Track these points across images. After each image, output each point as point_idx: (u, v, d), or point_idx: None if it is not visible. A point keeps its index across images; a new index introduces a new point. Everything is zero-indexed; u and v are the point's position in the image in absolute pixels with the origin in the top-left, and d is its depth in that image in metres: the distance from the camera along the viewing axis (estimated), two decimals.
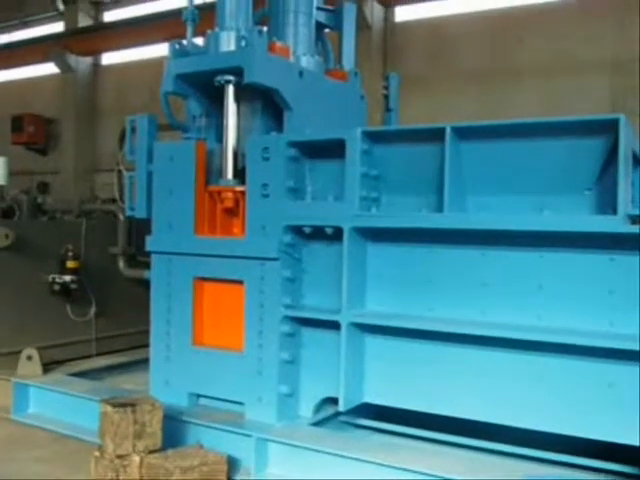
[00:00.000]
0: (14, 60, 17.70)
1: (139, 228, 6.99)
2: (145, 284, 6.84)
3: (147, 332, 6.92)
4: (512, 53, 11.90)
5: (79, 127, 16.93)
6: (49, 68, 17.24)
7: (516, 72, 11.83)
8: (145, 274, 6.64)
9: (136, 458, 4.21)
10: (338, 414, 4.97)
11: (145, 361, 6.64)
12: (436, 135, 4.21)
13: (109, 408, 4.24)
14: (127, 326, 7.31)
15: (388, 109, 6.53)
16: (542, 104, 11.19)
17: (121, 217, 7.06)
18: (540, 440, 4.36)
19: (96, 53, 16.92)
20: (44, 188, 13.37)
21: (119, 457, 4.20)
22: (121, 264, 7.05)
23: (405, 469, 4.04)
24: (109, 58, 17.08)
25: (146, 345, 7.01)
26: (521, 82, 11.75)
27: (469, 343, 4.27)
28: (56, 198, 9.48)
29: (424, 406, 4.48)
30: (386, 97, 6.52)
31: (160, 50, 14.84)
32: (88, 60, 17.02)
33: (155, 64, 15.54)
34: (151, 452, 4.25)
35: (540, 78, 11.58)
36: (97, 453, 4.28)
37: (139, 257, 7.04)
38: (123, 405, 4.28)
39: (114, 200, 8.59)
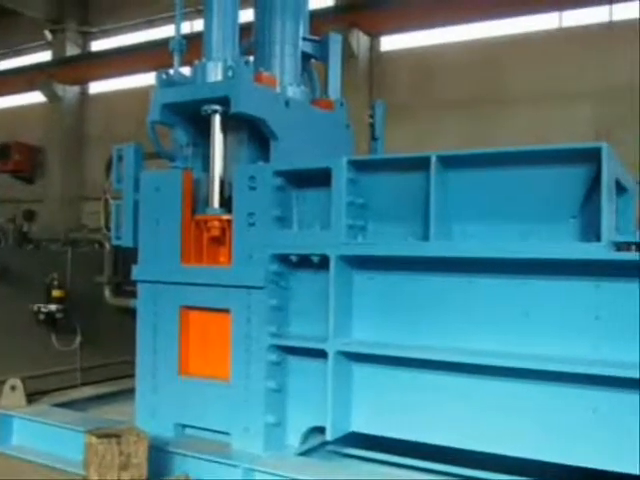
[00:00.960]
0: (1, 88, 17.73)
1: (125, 257, 6.96)
2: (131, 313, 6.80)
3: (133, 362, 6.88)
4: (496, 82, 12.08)
5: (66, 155, 16.96)
6: (36, 97, 17.29)
7: (500, 101, 12.00)
8: (131, 303, 6.61)
9: None
10: (326, 443, 4.94)
11: (130, 391, 6.57)
12: (422, 164, 4.25)
13: (94, 439, 4.20)
14: (112, 356, 7.24)
15: (374, 137, 6.57)
16: (526, 133, 11.32)
17: (107, 246, 7.04)
18: (534, 469, 4.35)
19: (83, 82, 17.01)
20: (30, 216, 13.31)
21: None
22: (107, 293, 7.01)
23: None
24: (96, 87, 17.18)
25: (131, 375, 6.96)
26: (505, 111, 11.91)
27: (455, 371, 4.26)
28: (42, 226, 9.45)
29: (412, 435, 4.45)
30: (372, 125, 6.56)
31: (147, 79, 14.92)
32: (75, 89, 17.11)
33: (142, 93, 15.55)
34: None
35: (524, 107, 11.76)
36: None
37: (125, 286, 7.00)
38: (108, 436, 4.23)
39: (101, 229, 8.61)
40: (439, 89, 12.59)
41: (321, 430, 4.73)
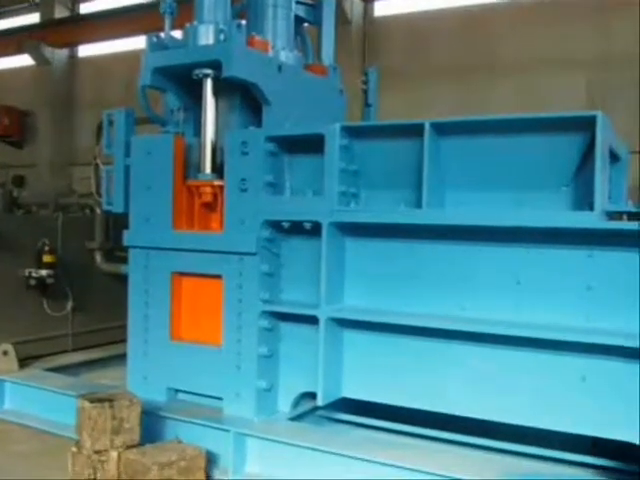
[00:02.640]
0: None
1: (117, 222, 6.92)
2: (122, 279, 6.80)
3: (124, 327, 6.89)
4: (489, 49, 11.98)
5: (55, 120, 16.77)
6: (24, 60, 17.03)
7: (493, 68, 11.92)
8: (122, 269, 6.60)
9: (114, 454, 4.19)
10: (317, 409, 4.99)
11: (122, 356, 6.59)
12: (415, 131, 4.22)
13: (87, 403, 4.21)
14: (104, 321, 7.24)
15: (367, 104, 6.52)
16: (519, 100, 11.28)
17: (98, 211, 6.99)
18: (531, 436, 4.41)
19: (72, 45, 16.76)
20: (20, 182, 13.22)
21: (97, 452, 4.18)
22: (98, 259, 6.98)
23: (385, 464, 4.06)
24: (86, 50, 16.91)
25: (123, 340, 6.98)
26: (498, 78, 11.83)
27: (447, 338, 4.29)
28: (32, 192, 9.36)
29: (403, 401, 4.49)
30: (365, 92, 6.51)
31: (138, 43, 14.71)
32: (64, 52, 16.87)
33: (133, 57, 15.37)
34: (129, 447, 4.23)
35: (517, 74, 11.68)
36: (74, 449, 4.25)
37: (117, 252, 6.97)
38: (101, 400, 4.25)
39: (92, 194, 8.55)
40: (432, 55, 12.50)
41: (312, 396, 4.77)
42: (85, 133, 15.54)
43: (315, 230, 4.50)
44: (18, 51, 16.69)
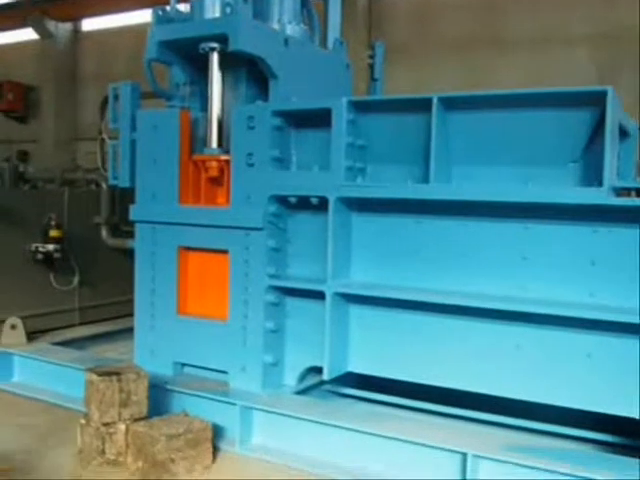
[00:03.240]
0: None
1: (122, 197, 6.95)
2: (128, 253, 6.83)
3: (130, 301, 6.93)
4: (497, 24, 11.87)
5: (59, 95, 16.69)
6: (28, 34, 16.93)
7: (500, 43, 11.82)
8: (128, 243, 6.63)
9: (122, 426, 4.23)
10: (322, 383, 5.02)
11: (128, 330, 6.66)
12: (423, 105, 4.20)
13: (94, 377, 4.25)
14: (110, 295, 7.29)
15: (373, 78, 6.48)
16: (526, 75, 11.19)
17: (104, 186, 7.00)
18: (528, 410, 4.44)
19: (76, 19, 16.64)
20: (24, 157, 13.21)
21: (105, 425, 4.22)
22: (104, 233, 7.00)
23: (390, 437, 4.09)
24: (90, 24, 16.79)
25: (129, 314, 7.03)
26: (505, 53, 11.74)
27: (453, 313, 4.31)
28: (37, 167, 9.36)
29: (408, 375, 4.52)
30: (371, 66, 6.47)
31: (142, 16, 14.64)
32: (68, 26, 16.74)
33: (137, 31, 15.33)
34: (136, 420, 4.27)
35: (525, 50, 11.58)
36: (83, 421, 4.29)
37: (122, 226, 7.00)
38: (108, 374, 4.29)
39: (97, 169, 8.54)
40: (438, 30, 12.38)
41: (318, 370, 4.80)
42: (89, 108, 15.49)
43: (321, 205, 4.50)
44: (22, 25, 16.58)
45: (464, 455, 3.86)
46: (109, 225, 7.02)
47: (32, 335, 6.13)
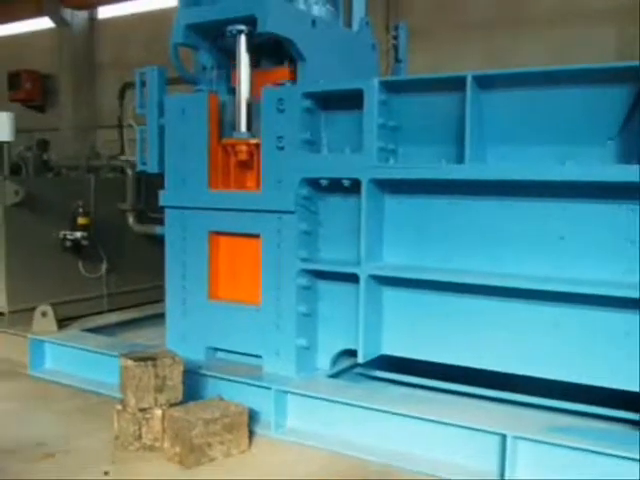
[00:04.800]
0: (8, 15, 17.35)
1: (148, 184, 6.93)
2: (155, 240, 6.84)
3: (157, 288, 6.95)
4: (517, 2, 11.70)
5: (77, 83, 16.68)
6: (44, 23, 16.92)
7: (522, 22, 11.64)
8: (155, 230, 6.63)
9: (158, 411, 4.24)
10: (354, 366, 5.01)
11: (156, 317, 6.71)
12: (457, 84, 4.14)
13: (130, 362, 4.25)
14: (137, 282, 7.30)
15: (397, 60, 6.41)
16: (548, 54, 11.03)
17: (129, 173, 6.99)
18: (561, 391, 4.40)
19: (92, 6, 16.59)
20: (44, 145, 13.22)
21: (141, 410, 4.24)
22: (131, 220, 7.00)
23: (427, 419, 4.08)
24: (106, 12, 16.75)
25: (156, 301, 7.08)
26: (527, 32, 11.56)
27: (489, 294, 4.27)
28: (59, 155, 9.36)
29: (443, 357, 4.50)
30: (395, 47, 6.39)
31: (158, 2, 14.59)
32: (84, 14, 16.69)
33: (153, 17, 15.31)
34: (172, 405, 4.28)
35: (546, 28, 11.40)
36: (119, 407, 4.30)
37: (148, 213, 6.99)
38: (143, 359, 4.29)
39: (119, 156, 8.55)
40: (459, 10, 12.23)
41: (350, 353, 4.79)
42: (107, 95, 15.48)
43: (354, 187, 4.47)
44: (38, 14, 16.57)
45: (503, 437, 3.83)
46: (135, 212, 7.01)
47: (62, 322, 6.15)
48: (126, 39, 16.04)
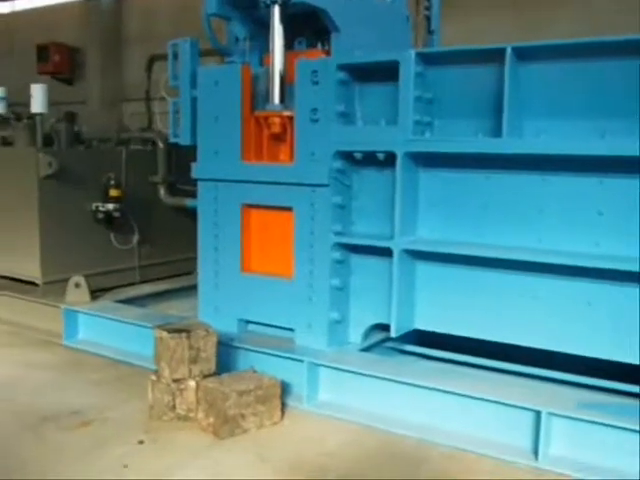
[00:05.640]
0: None
1: (178, 156, 6.94)
2: (185, 212, 6.86)
3: (188, 260, 6.99)
4: None
5: (105, 56, 16.68)
6: None
7: None
8: (186, 202, 6.65)
9: (192, 382, 4.27)
10: (385, 340, 5.01)
11: (187, 288, 6.76)
12: (495, 56, 4.07)
13: (164, 334, 4.29)
14: (168, 254, 7.34)
15: (429, 31, 6.32)
16: (581, 27, 10.79)
17: (161, 145, 6.99)
18: (593, 368, 4.37)
19: None
20: (72, 118, 13.25)
21: (175, 381, 4.27)
22: (162, 192, 7.01)
23: (460, 394, 4.07)
24: None
25: (188, 273, 7.13)
26: (559, 4, 11.33)
27: (523, 270, 4.23)
28: (86, 128, 9.39)
29: (476, 333, 4.48)
30: (428, 18, 6.30)
31: None
32: None
33: None
34: (206, 377, 4.31)
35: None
36: (153, 377, 4.35)
37: (179, 185, 7.00)
38: (178, 331, 4.32)
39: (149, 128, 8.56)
40: None
41: (382, 327, 4.79)
42: (134, 68, 15.47)
43: (388, 161, 4.43)
44: None
45: (537, 413, 3.81)
46: (166, 184, 7.02)
47: (95, 293, 6.21)
48: (154, 12, 15.98)
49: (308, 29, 5.13)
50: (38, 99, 6.46)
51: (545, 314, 4.22)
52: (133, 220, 6.88)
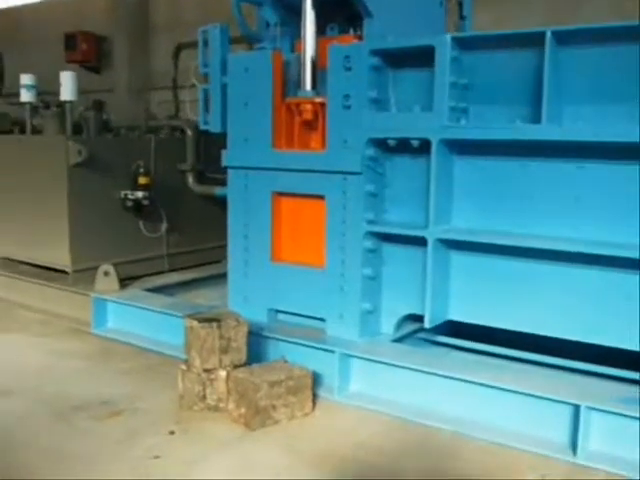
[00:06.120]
0: None
1: (207, 144, 6.89)
2: (214, 200, 6.82)
3: (216, 248, 6.95)
4: None
5: (132, 44, 16.65)
6: None
7: None
8: (214, 190, 6.61)
9: (223, 372, 4.23)
10: (416, 331, 4.93)
11: (215, 277, 6.73)
12: (535, 40, 3.95)
13: (195, 323, 4.24)
14: (196, 242, 7.30)
15: (461, 16, 6.19)
16: (613, 12, 10.55)
17: (189, 133, 6.95)
18: (623, 360, 4.26)
19: None
20: (99, 106, 13.26)
21: (206, 371, 4.24)
22: (190, 180, 6.97)
23: (495, 387, 3.99)
24: None
25: (216, 261, 7.10)
26: None
27: (561, 260, 4.12)
28: (117, 116, 9.38)
29: (512, 324, 4.38)
30: (459, 3, 6.17)
31: None
32: None
33: None
34: (236, 367, 4.27)
35: None
36: (184, 367, 4.31)
37: (207, 173, 6.96)
38: (208, 320, 4.28)
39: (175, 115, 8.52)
40: None
41: (414, 318, 4.71)
42: (161, 57, 15.45)
43: (422, 148, 4.33)
44: None
45: (576, 407, 3.72)
46: (195, 172, 6.98)
47: (123, 282, 6.20)
48: (180, 0, 15.94)
49: (340, 15, 5.04)
50: (68, 86, 6.43)
51: (582, 305, 4.11)
52: (162, 208, 6.84)
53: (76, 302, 6.05)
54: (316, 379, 4.42)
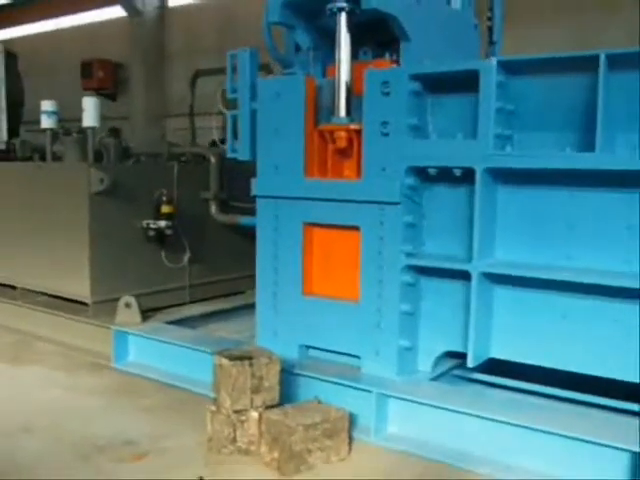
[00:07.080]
0: (81, 4, 17.50)
1: (231, 172, 6.71)
2: (236, 230, 6.63)
3: (239, 279, 6.76)
4: None
5: (148, 71, 16.68)
6: (116, 11, 16.98)
7: (607, 2, 11.04)
8: (239, 219, 6.42)
9: (254, 414, 3.99)
10: (452, 368, 4.69)
11: (238, 309, 6.55)
12: (586, 64, 3.75)
13: (225, 361, 4.02)
14: (219, 273, 7.07)
15: (491, 41, 6.02)
16: (635, 37, 10.41)
17: (213, 160, 6.77)
18: None
19: None
20: (116, 133, 13.20)
21: (236, 412, 4.00)
22: (213, 209, 6.76)
23: (541, 430, 3.74)
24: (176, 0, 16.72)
25: (239, 292, 6.90)
26: (612, 13, 10.96)
27: (611, 296, 3.88)
28: (133, 144, 9.25)
29: (560, 363, 4.13)
30: (490, 28, 6.01)
31: None
32: (154, 2, 16.67)
33: (223, 4, 15.17)
34: (268, 407, 4.03)
35: (633, 8, 10.76)
36: (213, 408, 4.07)
37: (231, 202, 6.77)
38: (239, 358, 4.05)
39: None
40: None
41: (452, 355, 4.47)
42: (177, 84, 15.43)
43: (463, 177, 4.12)
44: (110, 2, 16.63)
45: (634, 454, 3.46)
46: (218, 200, 6.78)
47: (145, 313, 5.98)
48: (196, 27, 15.96)
49: (372, 39, 4.89)
50: (90, 112, 6.28)
51: (634, 345, 3.86)
52: (184, 237, 6.63)
53: (96, 335, 5.84)
54: (351, 420, 4.18)
